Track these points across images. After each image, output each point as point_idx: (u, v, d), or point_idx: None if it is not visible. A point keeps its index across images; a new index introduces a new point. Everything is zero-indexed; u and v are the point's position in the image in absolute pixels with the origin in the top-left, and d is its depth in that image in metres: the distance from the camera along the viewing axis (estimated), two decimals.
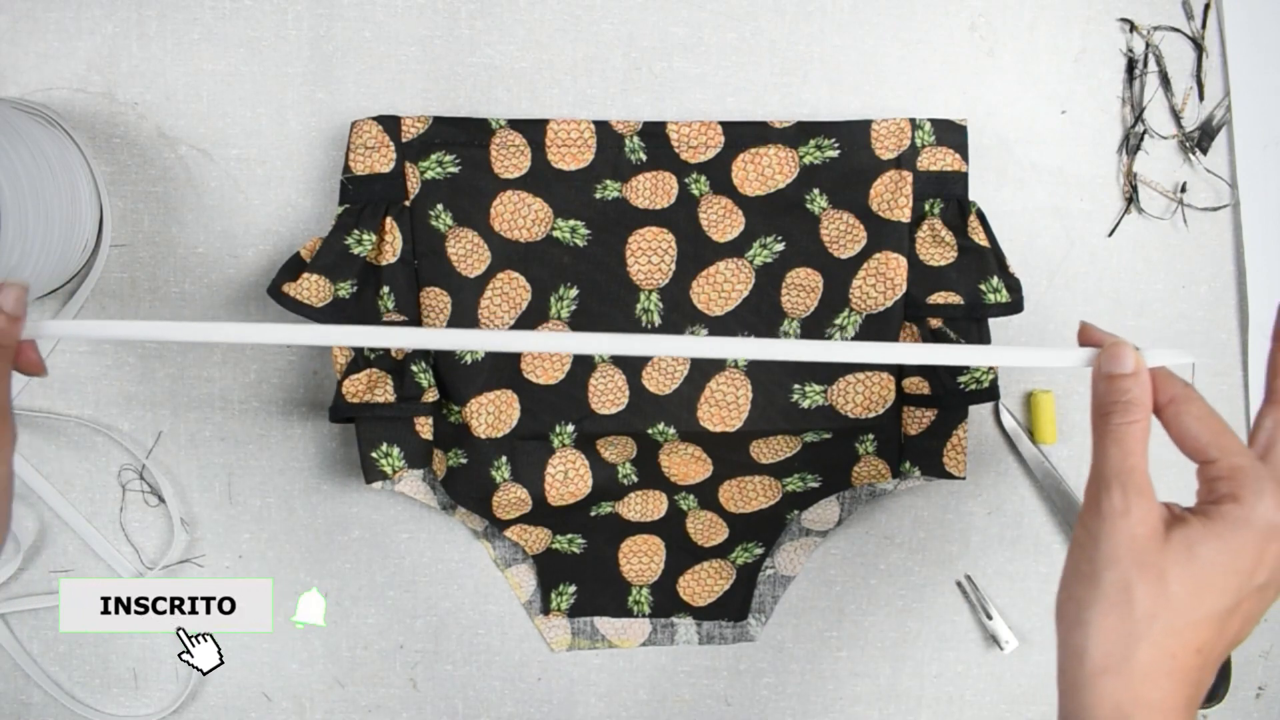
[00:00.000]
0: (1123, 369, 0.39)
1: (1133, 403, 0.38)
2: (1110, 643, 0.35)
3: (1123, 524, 0.36)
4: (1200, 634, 0.36)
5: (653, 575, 0.58)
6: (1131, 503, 0.36)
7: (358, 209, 0.54)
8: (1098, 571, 0.36)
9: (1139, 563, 0.35)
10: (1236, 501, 0.36)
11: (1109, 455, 0.38)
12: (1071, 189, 0.58)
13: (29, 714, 0.59)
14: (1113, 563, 0.36)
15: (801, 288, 0.55)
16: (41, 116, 0.54)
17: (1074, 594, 0.37)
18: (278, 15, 0.55)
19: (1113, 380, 0.39)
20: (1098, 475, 0.38)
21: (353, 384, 0.53)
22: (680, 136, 0.55)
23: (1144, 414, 0.38)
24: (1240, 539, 0.36)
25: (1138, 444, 0.38)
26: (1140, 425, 0.38)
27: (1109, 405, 0.39)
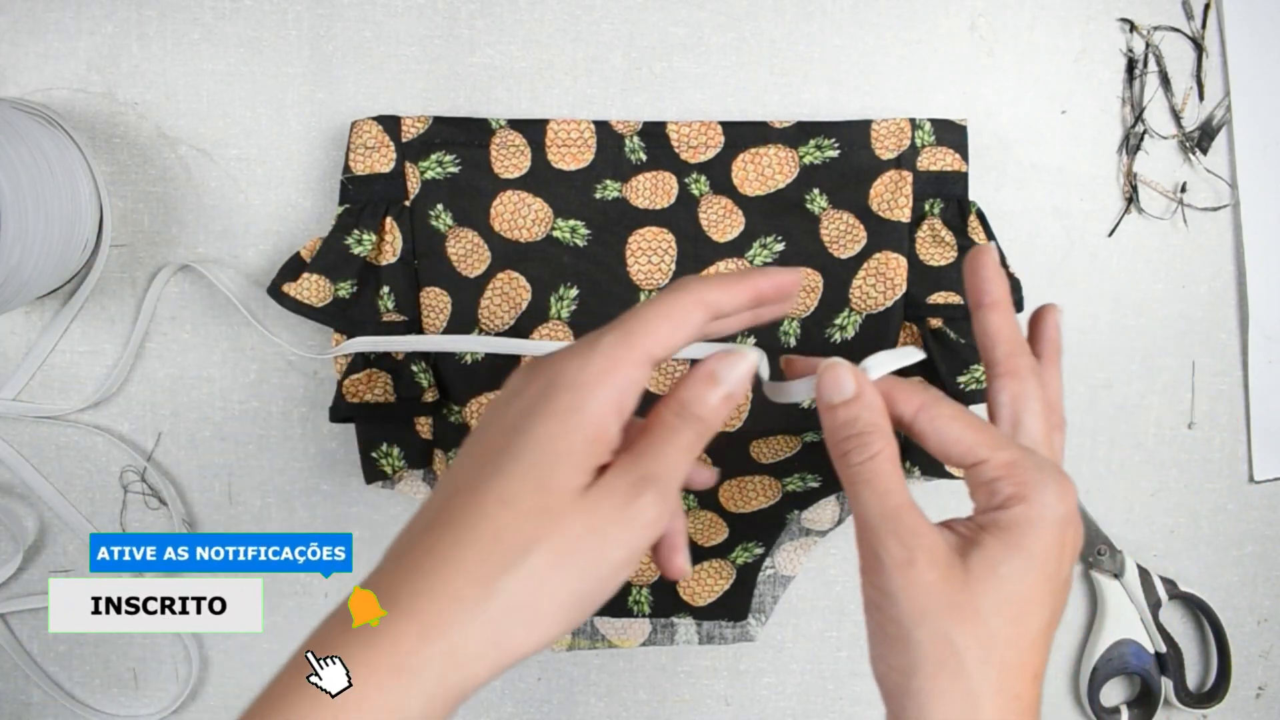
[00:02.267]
0: (843, 394, 0.34)
1: (866, 431, 0.34)
2: (950, 707, 0.31)
3: (914, 574, 0.32)
4: (1034, 659, 0.32)
5: (653, 575, 0.58)
6: (913, 548, 0.32)
7: (358, 209, 0.54)
8: (907, 632, 0.32)
9: (948, 609, 0.31)
10: (1024, 501, 0.33)
11: (865, 500, 0.33)
12: (1071, 189, 0.58)
13: (29, 714, 0.59)
14: (921, 618, 0.31)
15: (802, 288, 0.55)
16: (41, 116, 0.54)
17: (892, 663, 0.32)
18: (278, 15, 0.55)
19: (837, 410, 0.34)
20: (863, 525, 0.33)
21: (353, 384, 0.53)
22: (680, 136, 0.55)
23: (885, 440, 0.34)
24: (1041, 542, 0.32)
25: (890, 478, 0.34)
26: (885, 456, 0.34)
27: (843, 443, 0.34)
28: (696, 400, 0.33)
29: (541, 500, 0.30)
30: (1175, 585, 0.60)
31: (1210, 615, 0.60)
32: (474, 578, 0.29)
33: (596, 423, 0.31)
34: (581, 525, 0.30)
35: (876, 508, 0.33)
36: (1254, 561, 0.61)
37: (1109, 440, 0.60)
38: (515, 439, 0.31)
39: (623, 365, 0.31)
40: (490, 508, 0.30)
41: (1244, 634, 0.62)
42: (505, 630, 0.29)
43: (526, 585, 0.29)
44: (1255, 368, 0.59)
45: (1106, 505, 0.60)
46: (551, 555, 0.29)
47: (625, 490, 0.31)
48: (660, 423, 0.32)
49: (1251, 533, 0.61)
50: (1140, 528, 0.60)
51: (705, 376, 0.33)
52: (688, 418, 0.32)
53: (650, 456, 0.31)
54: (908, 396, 0.35)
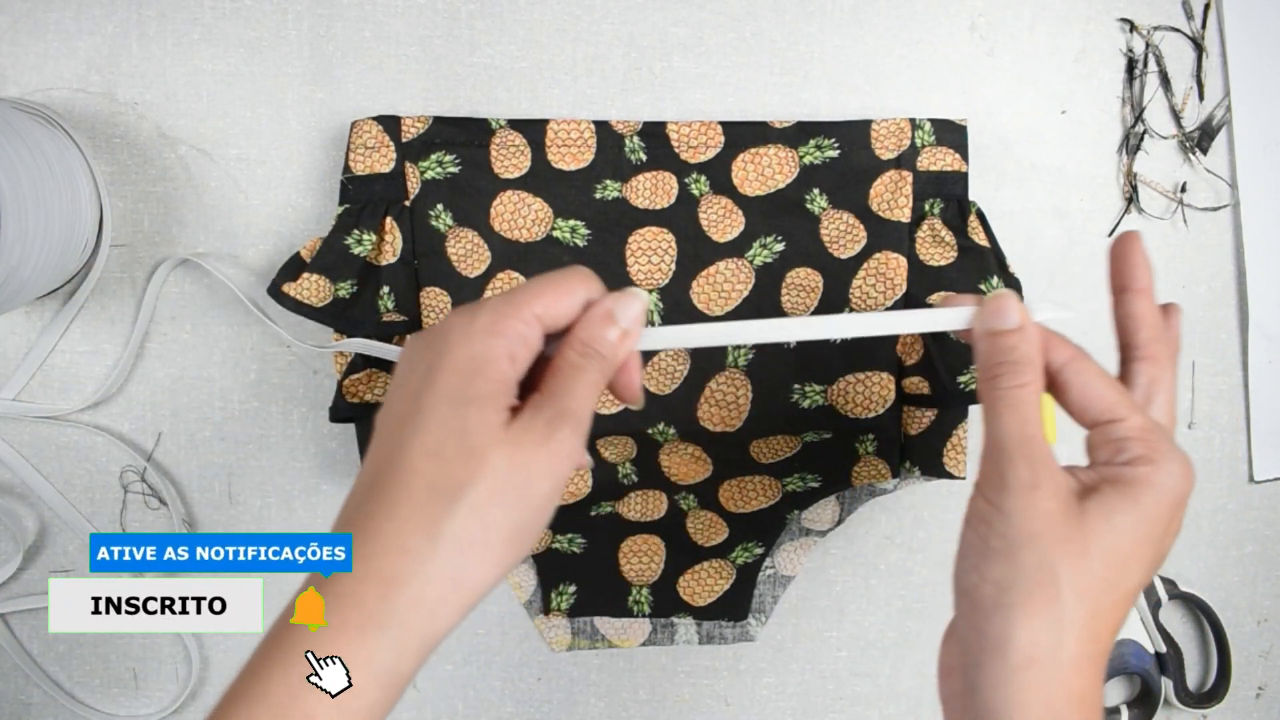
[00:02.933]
0: (1006, 324, 0.35)
1: (1022, 362, 0.35)
2: (1038, 632, 0.32)
3: (1035, 498, 0.33)
4: (1119, 614, 0.33)
5: (653, 575, 0.58)
6: (1040, 475, 0.33)
7: (358, 209, 0.54)
8: (1014, 549, 0.32)
9: (1059, 539, 0.32)
10: (1151, 464, 0.33)
11: (1003, 422, 0.34)
12: (1071, 189, 0.58)
13: (29, 714, 0.59)
14: (1031, 540, 0.32)
15: (801, 288, 0.55)
16: (41, 116, 0.54)
17: (988, 574, 0.33)
18: (278, 15, 0.55)
19: (997, 337, 0.35)
20: (996, 446, 0.34)
21: (353, 384, 0.53)
22: (680, 136, 0.55)
23: (1036, 375, 0.35)
24: (1156, 506, 0.33)
25: (1034, 409, 0.34)
26: (1034, 389, 0.35)
27: (996, 367, 0.35)
28: (597, 339, 0.35)
29: (464, 445, 0.32)
30: (1175, 585, 0.60)
31: (1210, 615, 0.60)
32: (419, 528, 0.31)
33: (494, 369, 0.33)
34: (507, 461, 0.32)
35: (1016, 431, 0.34)
36: (1254, 561, 0.61)
37: None
38: (425, 398, 0.33)
39: (507, 320, 0.34)
40: (419, 463, 0.32)
41: (1244, 634, 0.62)
42: (460, 570, 0.31)
43: (469, 524, 0.31)
44: (1255, 368, 0.59)
45: None
46: (486, 492, 0.32)
47: (543, 427, 0.33)
48: (566, 363, 0.35)
49: (1251, 533, 0.61)
50: None
51: (602, 316, 0.36)
52: (591, 355, 0.35)
53: (562, 394, 0.34)
54: (1060, 346, 0.36)
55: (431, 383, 0.33)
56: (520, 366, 0.34)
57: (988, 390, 0.35)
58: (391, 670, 0.31)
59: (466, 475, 0.32)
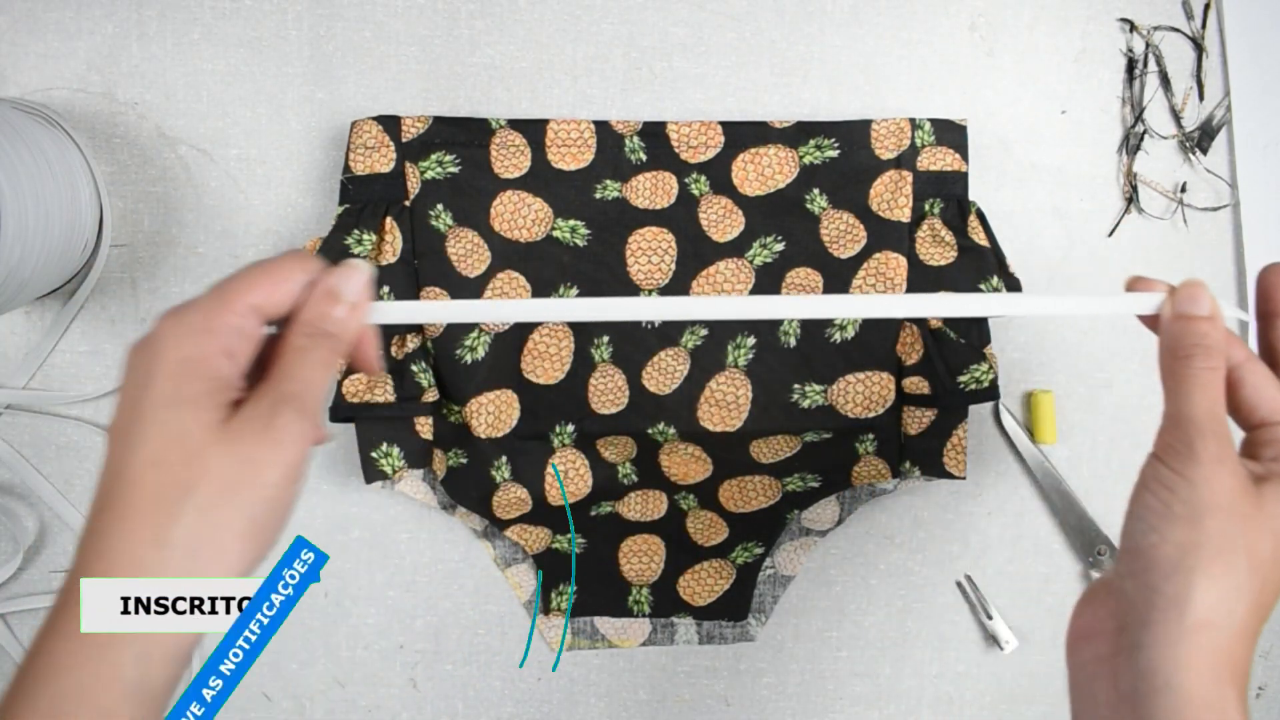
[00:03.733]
0: (1200, 310, 0.37)
1: (1214, 347, 0.36)
2: (1217, 595, 0.33)
3: (1222, 472, 0.34)
4: (1275, 600, 0.34)
5: (653, 575, 0.58)
6: (1226, 452, 0.34)
7: (358, 209, 0.54)
8: (1199, 515, 0.33)
9: (1240, 514, 0.33)
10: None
11: (1194, 400, 0.35)
12: (1071, 189, 0.58)
13: None
14: (1216, 510, 0.33)
15: (802, 287, 0.55)
16: (41, 116, 0.54)
17: (1169, 536, 0.34)
18: (278, 15, 0.55)
19: (1191, 322, 0.36)
20: (1184, 419, 0.35)
21: (353, 384, 0.53)
22: (680, 136, 0.55)
23: (1223, 361, 0.36)
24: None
25: (1221, 391, 0.36)
26: (1220, 373, 0.36)
27: (1189, 348, 0.36)
28: (321, 318, 0.35)
29: (184, 449, 0.32)
30: None
31: None
32: (147, 539, 0.31)
33: (208, 367, 0.33)
34: (228, 458, 0.32)
35: (1207, 409, 0.35)
36: None
37: (1109, 440, 0.60)
38: (143, 405, 0.33)
39: (218, 316, 0.33)
40: (141, 473, 0.32)
41: None
42: (195, 574, 0.32)
43: (196, 527, 0.31)
44: None
45: (1106, 505, 0.60)
46: (210, 493, 0.32)
47: (263, 415, 0.33)
48: (290, 347, 0.35)
49: None
50: None
51: (325, 294, 0.35)
52: (316, 336, 0.35)
53: (284, 379, 0.34)
54: (1237, 345, 0.37)
55: (148, 389, 0.33)
56: (241, 360, 0.34)
57: (1180, 368, 0.36)
58: (140, 684, 0.31)
59: (189, 478, 0.32)
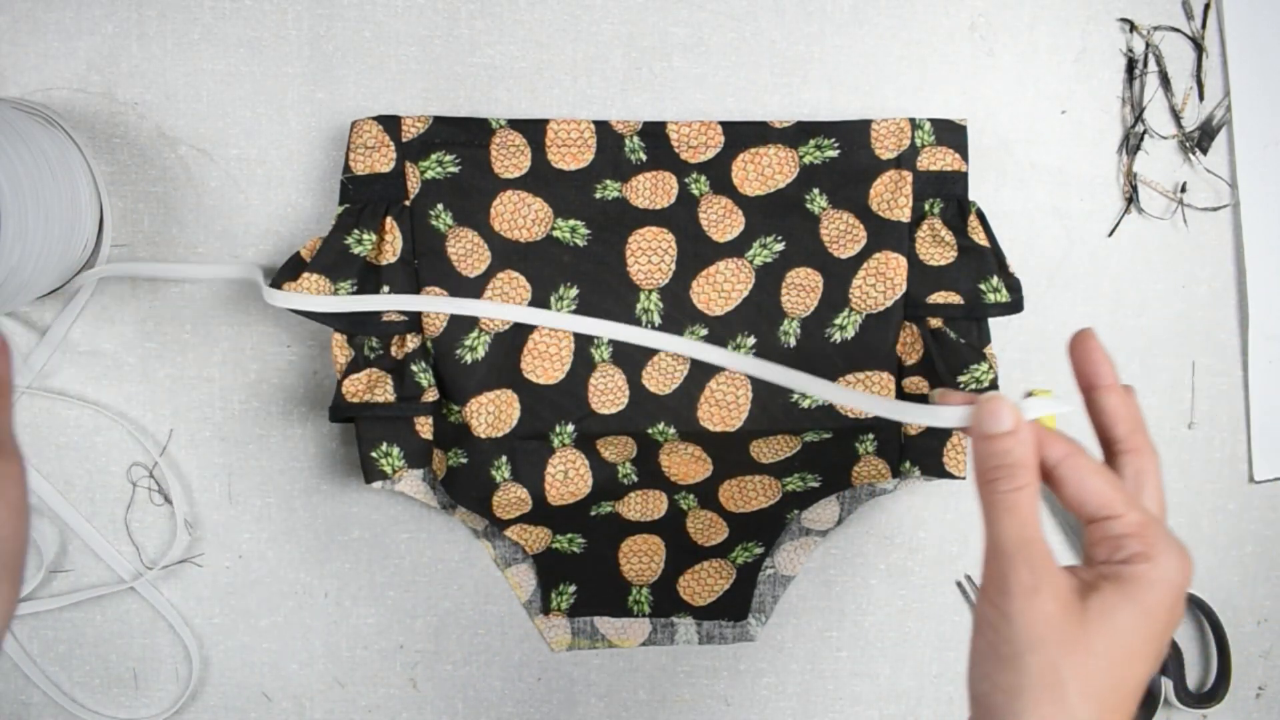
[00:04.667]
0: (1000, 427, 0.36)
1: (1018, 465, 0.35)
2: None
3: (1037, 602, 0.33)
4: (1128, 707, 0.34)
5: (653, 575, 0.58)
6: (1040, 578, 0.33)
7: (358, 209, 0.54)
8: (1020, 654, 0.33)
9: (1062, 642, 0.33)
10: (1149, 561, 0.34)
11: (1004, 526, 0.35)
12: (1071, 189, 0.58)
13: (29, 714, 0.59)
14: (1036, 645, 0.33)
15: (802, 287, 0.55)
16: (41, 116, 0.54)
17: (998, 682, 0.33)
18: (278, 15, 0.55)
19: (992, 441, 0.36)
20: (997, 549, 0.34)
21: (353, 384, 0.53)
22: (680, 136, 0.55)
23: (1033, 477, 0.35)
24: (1157, 601, 0.34)
25: (1031, 512, 0.35)
26: (1031, 490, 0.35)
27: (992, 471, 0.35)
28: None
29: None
30: None
31: (1210, 615, 0.60)
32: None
33: None
34: None
35: (1015, 534, 0.34)
36: (1254, 561, 0.61)
37: None
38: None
39: None
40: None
41: (1244, 634, 0.62)
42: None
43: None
44: (1255, 368, 0.59)
45: None
46: None
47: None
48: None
49: (1251, 533, 0.61)
50: None
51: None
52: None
53: None
54: (1054, 443, 0.36)
55: None
56: None
57: (986, 493, 0.35)
58: None
59: None
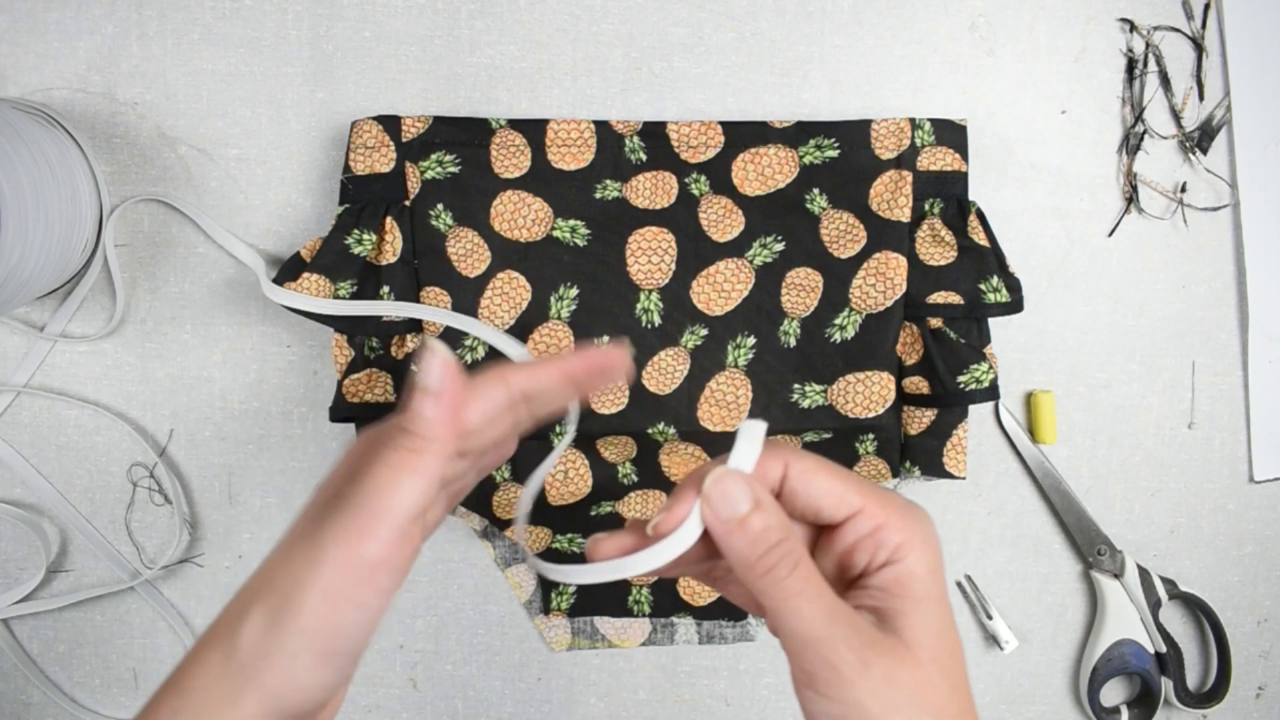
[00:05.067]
0: (743, 506, 0.31)
1: (783, 539, 0.31)
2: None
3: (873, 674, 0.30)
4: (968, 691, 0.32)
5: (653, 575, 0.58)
6: (860, 648, 0.30)
7: (358, 209, 0.54)
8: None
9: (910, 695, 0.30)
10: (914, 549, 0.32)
11: (806, 615, 0.30)
12: (1071, 189, 0.58)
13: (29, 714, 0.59)
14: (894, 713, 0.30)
15: (802, 287, 0.55)
16: (41, 116, 0.54)
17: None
18: (278, 15, 0.55)
19: (747, 523, 0.31)
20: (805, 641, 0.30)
21: (353, 384, 0.53)
22: (680, 136, 0.55)
23: (798, 545, 0.31)
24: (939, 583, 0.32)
25: (820, 580, 0.31)
26: (807, 560, 0.31)
27: (764, 560, 0.31)
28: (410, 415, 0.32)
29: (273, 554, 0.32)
30: (1175, 585, 0.60)
31: (1210, 615, 0.60)
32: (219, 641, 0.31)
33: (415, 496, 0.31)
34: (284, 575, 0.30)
35: (822, 618, 0.30)
36: (1254, 561, 0.61)
37: (1109, 440, 0.60)
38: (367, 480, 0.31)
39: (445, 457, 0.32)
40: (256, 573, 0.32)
41: (1244, 634, 0.62)
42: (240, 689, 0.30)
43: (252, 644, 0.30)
44: (1255, 368, 0.59)
45: (1106, 505, 0.60)
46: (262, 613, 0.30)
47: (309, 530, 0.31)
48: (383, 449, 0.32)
49: (1251, 533, 0.61)
50: (1140, 528, 0.60)
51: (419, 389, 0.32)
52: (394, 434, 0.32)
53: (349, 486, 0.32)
54: (771, 462, 0.32)
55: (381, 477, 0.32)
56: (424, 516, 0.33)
57: (768, 586, 0.31)
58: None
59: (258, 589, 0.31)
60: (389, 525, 0.30)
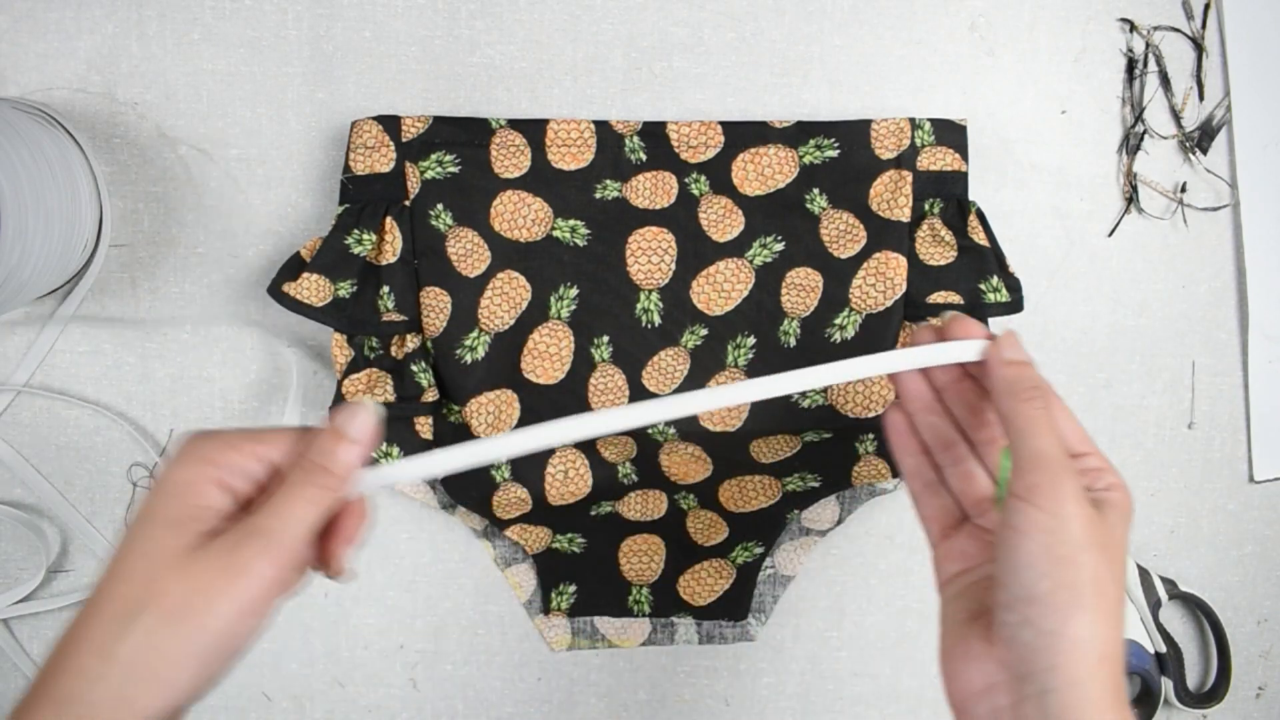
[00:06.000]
0: (1021, 356, 0.38)
1: (1044, 387, 0.37)
2: (1105, 629, 0.34)
3: (1084, 507, 0.35)
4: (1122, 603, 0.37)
5: (653, 575, 0.58)
6: (1081, 488, 0.36)
7: (358, 209, 0.54)
8: (1077, 555, 0.35)
9: (1103, 544, 0.35)
10: (1120, 490, 0.38)
11: (1048, 440, 0.36)
12: (1071, 189, 0.58)
13: None
14: (1089, 546, 0.35)
15: (802, 287, 0.55)
16: (41, 116, 0.54)
17: (1060, 580, 0.35)
18: (278, 15, 0.55)
19: (1018, 367, 0.38)
20: (1041, 460, 0.36)
21: (353, 384, 0.53)
22: (680, 136, 0.55)
23: (1054, 397, 0.38)
24: (1127, 523, 0.37)
25: (1059, 430, 0.37)
26: (1056, 404, 0.38)
27: (1029, 391, 0.37)
28: (321, 453, 0.35)
29: (148, 569, 0.33)
30: (1175, 585, 0.60)
31: (1210, 615, 0.60)
32: (95, 649, 0.32)
33: (194, 493, 0.34)
34: (183, 586, 0.32)
35: (1056, 446, 0.36)
36: (1254, 561, 0.61)
37: (1109, 440, 0.60)
38: (140, 517, 0.34)
39: (226, 451, 0.34)
40: (111, 584, 0.33)
41: (1244, 634, 0.62)
42: (127, 693, 0.31)
43: (139, 648, 0.32)
44: (1255, 368, 0.59)
45: None
46: (158, 617, 0.32)
47: (228, 548, 0.33)
48: (284, 480, 0.35)
49: (1251, 533, 0.61)
50: (1140, 528, 0.60)
51: (331, 433, 0.35)
52: (311, 470, 0.35)
53: (263, 513, 0.34)
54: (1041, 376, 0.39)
55: (148, 502, 0.34)
56: (238, 497, 0.35)
57: (1027, 410, 0.37)
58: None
59: (143, 599, 0.32)
60: (300, 551, 0.34)
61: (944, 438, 0.42)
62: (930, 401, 0.42)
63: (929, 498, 0.42)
